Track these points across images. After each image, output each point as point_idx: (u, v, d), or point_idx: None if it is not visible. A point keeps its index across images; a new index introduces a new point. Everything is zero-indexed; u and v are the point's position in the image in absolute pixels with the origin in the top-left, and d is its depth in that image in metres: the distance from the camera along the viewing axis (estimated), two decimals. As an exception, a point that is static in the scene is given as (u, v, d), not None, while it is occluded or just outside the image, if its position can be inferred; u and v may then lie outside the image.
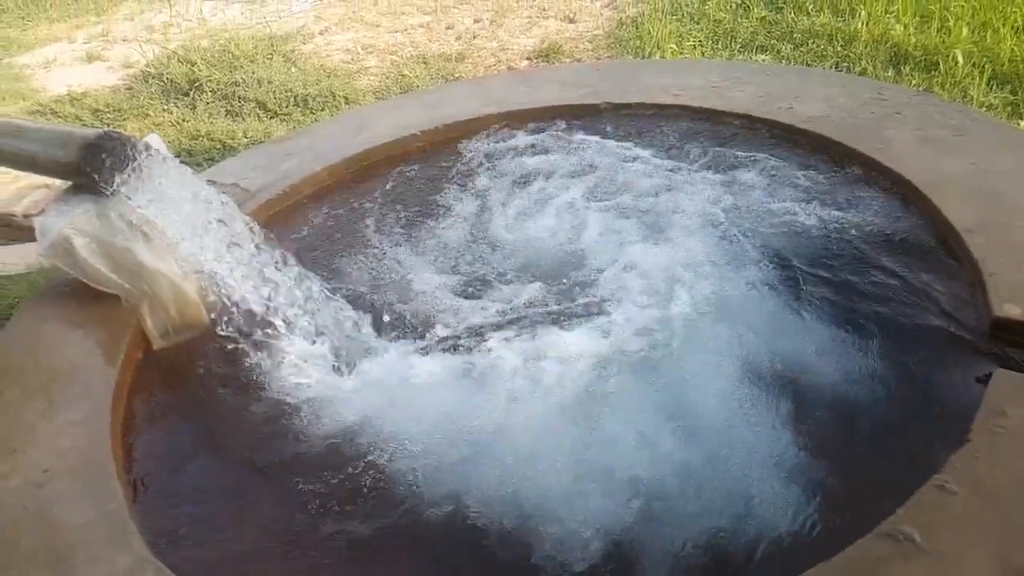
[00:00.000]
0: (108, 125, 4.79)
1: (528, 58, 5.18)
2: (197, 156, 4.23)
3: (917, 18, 4.42)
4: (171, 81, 5.19)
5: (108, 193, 1.70)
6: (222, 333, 1.73)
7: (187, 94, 5.03)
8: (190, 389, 1.68)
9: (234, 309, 1.70)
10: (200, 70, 5.19)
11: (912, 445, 1.34)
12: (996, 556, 1.06)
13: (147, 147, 1.75)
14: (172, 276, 1.74)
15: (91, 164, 1.66)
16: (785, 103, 2.20)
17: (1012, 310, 1.42)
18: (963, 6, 4.30)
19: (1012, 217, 1.66)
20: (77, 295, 1.75)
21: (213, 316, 1.76)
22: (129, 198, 1.68)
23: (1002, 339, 1.43)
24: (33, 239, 1.73)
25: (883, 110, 2.09)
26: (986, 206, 1.69)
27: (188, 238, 1.68)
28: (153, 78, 5.32)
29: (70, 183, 1.79)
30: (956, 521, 1.11)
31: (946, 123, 2.00)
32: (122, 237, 1.74)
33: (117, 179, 1.68)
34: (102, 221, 1.73)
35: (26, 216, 2.40)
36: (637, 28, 4.98)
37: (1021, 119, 3.62)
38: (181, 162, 1.78)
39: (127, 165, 1.68)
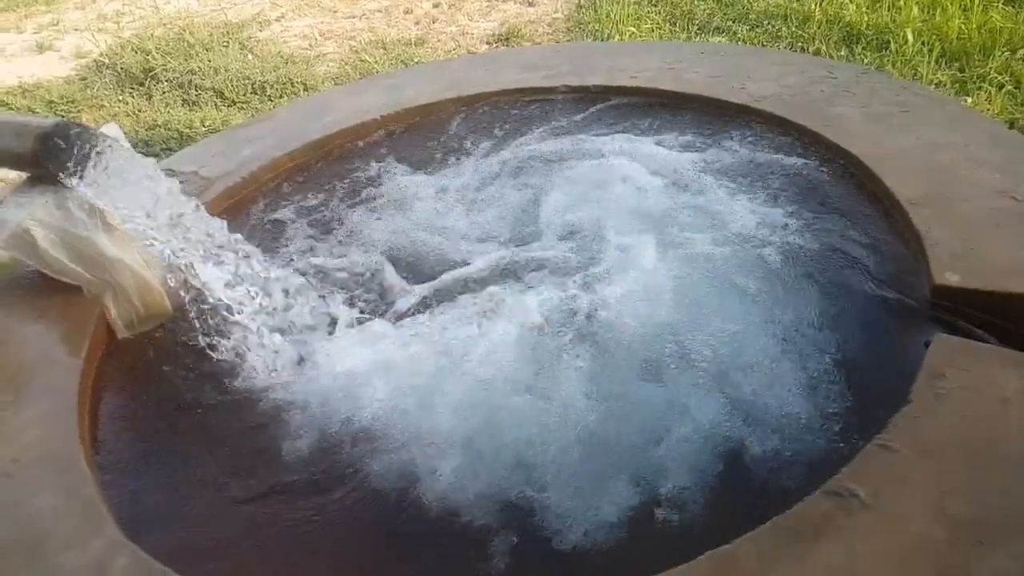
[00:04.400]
0: (62, 116, 4.71)
1: (488, 42, 5.19)
2: (155, 146, 4.19)
3: (869, -2, 4.51)
4: (125, 71, 5.11)
5: (67, 184, 1.69)
6: (186, 321, 1.74)
7: (142, 84, 4.96)
8: (156, 378, 1.69)
9: (197, 296, 1.70)
10: (155, 59, 5.12)
11: (857, 407, 1.40)
12: (935, 507, 1.12)
13: (104, 137, 1.74)
14: (134, 265, 1.74)
15: (48, 155, 1.65)
16: (738, 83, 2.25)
17: (952, 278, 1.49)
18: (912, -15, 4.40)
19: (956, 190, 1.72)
20: (39, 287, 1.75)
21: (177, 304, 1.76)
22: (88, 188, 1.68)
23: (943, 306, 1.50)
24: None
25: (833, 88, 2.15)
26: (931, 180, 1.75)
27: (148, 227, 1.69)
28: (107, 68, 5.24)
29: (28, 174, 1.78)
30: (898, 478, 1.17)
31: (893, 100, 2.06)
32: (82, 227, 1.73)
33: (75, 169, 1.68)
34: (62, 212, 1.72)
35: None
36: (596, 11, 5.01)
37: (968, 95, 3.73)
38: (138, 153, 1.77)
39: (85, 155, 1.67)
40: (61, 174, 1.68)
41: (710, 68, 2.37)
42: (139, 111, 4.61)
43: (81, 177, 1.68)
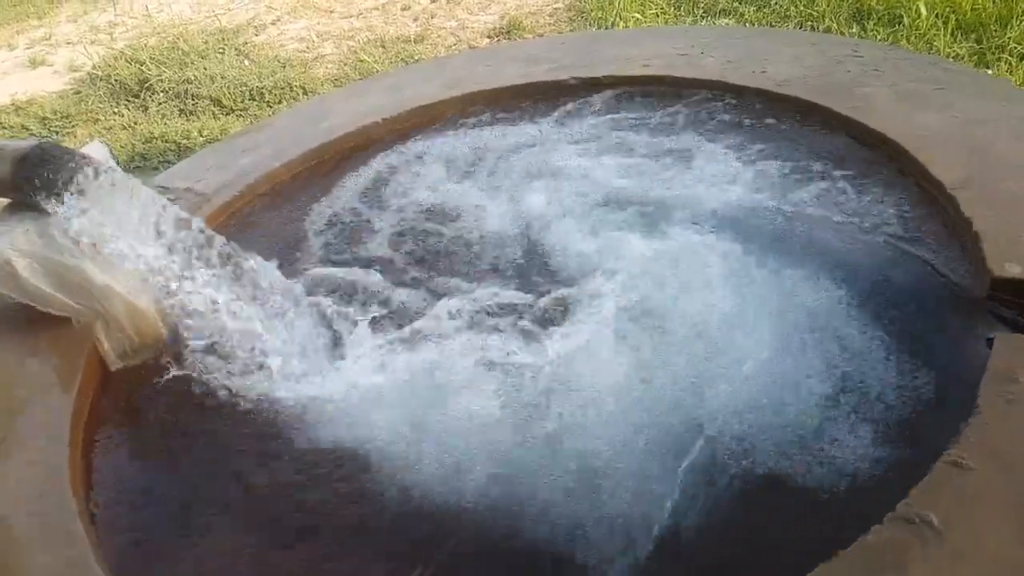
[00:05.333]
0: (56, 132, 4.61)
1: (488, 36, 5.07)
2: (152, 159, 4.09)
3: (879, -29, 4.37)
4: (120, 82, 5.01)
5: (48, 209, 1.58)
6: (183, 348, 1.63)
7: (137, 95, 4.86)
8: (153, 412, 1.58)
9: (194, 322, 1.59)
10: (149, 69, 5.02)
11: (918, 418, 1.28)
12: (1019, 530, 1.00)
13: (87, 157, 1.63)
14: (125, 292, 1.63)
15: (26, 180, 1.54)
16: (757, 67, 2.12)
17: (1013, 269, 1.36)
18: (925, -44, 4.25)
19: (999, 170, 1.59)
20: (24, 320, 1.64)
21: (172, 331, 1.65)
22: (71, 213, 1.57)
23: (1002, 300, 1.37)
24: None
25: (859, 67, 2.02)
26: (974, 160, 1.62)
27: (139, 251, 1.58)
28: (101, 80, 5.14)
29: (6, 201, 1.67)
30: (974, 498, 1.05)
31: (924, 76, 1.93)
32: (68, 255, 1.62)
33: (56, 194, 1.57)
34: (44, 239, 1.61)
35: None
36: (598, -2, 4.87)
37: (988, 67, 3.58)
38: (134, 167, 1.66)
39: (66, 178, 1.57)
40: (42, 199, 1.57)
41: (724, 52, 2.24)
42: (135, 123, 4.52)
43: (64, 201, 1.57)
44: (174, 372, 1.59)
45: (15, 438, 1.43)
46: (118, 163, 1.86)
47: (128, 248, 1.60)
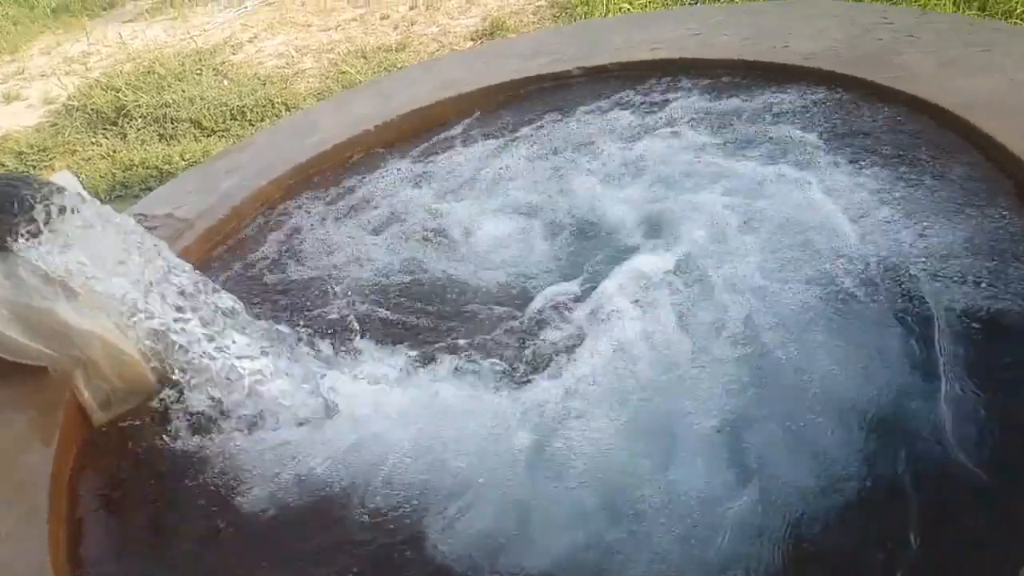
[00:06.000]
0: (34, 166, 4.44)
1: (472, 39, 4.92)
2: (133, 187, 3.93)
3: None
4: (96, 111, 4.85)
5: (14, 248, 1.41)
6: (174, 394, 1.45)
7: (115, 123, 4.70)
8: (143, 470, 1.40)
9: (182, 366, 1.41)
10: (126, 95, 4.86)
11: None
12: None
13: (55, 186, 1.46)
14: (106, 335, 1.45)
15: (-15, 217, 1.37)
16: (778, 42, 1.96)
17: None
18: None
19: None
20: (-5, 374, 1.46)
21: (159, 376, 1.47)
22: (40, 251, 1.40)
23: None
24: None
25: (891, 35, 1.85)
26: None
27: (118, 289, 1.40)
28: (77, 111, 4.98)
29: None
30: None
31: (966, 40, 1.77)
32: (39, 297, 1.44)
33: (22, 231, 1.39)
34: (11, 281, 1.44)
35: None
36: (584, -9, 4.72)
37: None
38: (115, 196, 1.49)
39: (31, 212, 1.39)
40: (6, 237, 1.40)
41: (738, 30, 2.08)
42: (114, 152, 4.35)
43: (29, 239, 1.40)
44: (165, 421, 1.41)
45: (-12, 511, 1.25)
46: (92, 195, 1.69)
47: (108, 287, 1.43)
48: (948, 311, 1.27)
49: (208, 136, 4.35)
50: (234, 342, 1.39)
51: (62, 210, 1.41)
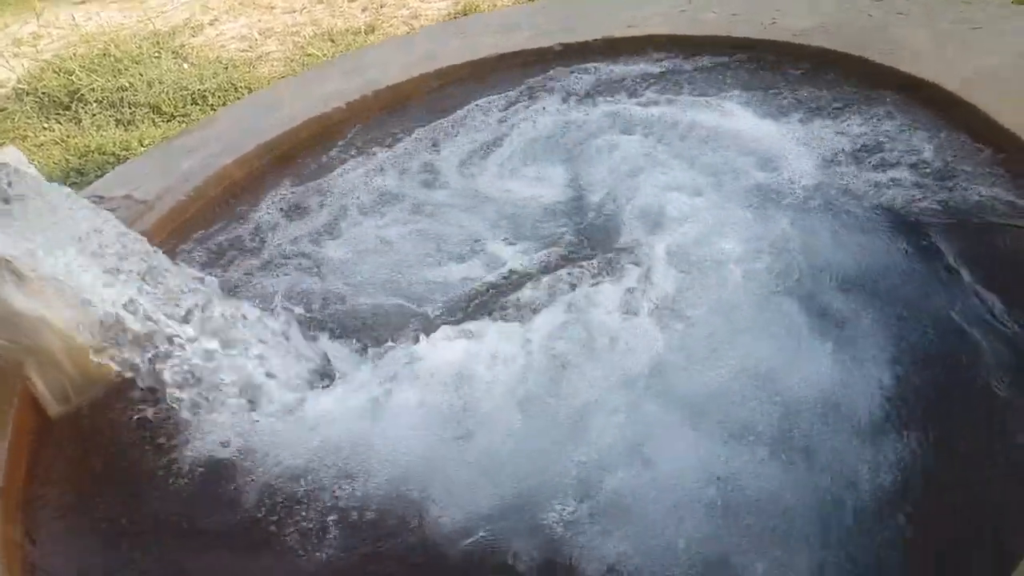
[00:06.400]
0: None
1: (445, 18, 4.82)
2: (88, 174, 3.75)
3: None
4: (48, 95, 4.64)
5: (-44, 229, 1.29)
6: (136, 385, 1.35)
7: (68, 107, 4.51)
8: (105, 466, 1.30)
9: (142, 352, 1.31)
10: (80, 79, 4.66)
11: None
12: None
13: (2, 165, 1.34)
14: (60, 323, 1.34)
15: (-77, 195, 1.25)
16: (766, 18, 1.90)
17: None
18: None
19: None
20: (-64, 365, 1.35)
21: (118, 365, 1.37)
22: (-15, 231, 1.28)
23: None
24: None
25: (882, 12, 1.81)
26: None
27: (71, 272, 1.29)
28: (28, 95, 4.76)
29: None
30: None
31: (957, 17, 1.73)
32: (-14, 282, 1.33)
33: (-35, 210, 1.28)
34: (-45, 265, 1.32)
35: None
36: (559, -28, 4.64)
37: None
38: (70, 183, 1.37)
39: (-25, 189, 1.28)
40: (-53, 217, 1.28)
41: (727, 5, 2.02)
42: (68, 137, 4.17)
43: (-27, 218, 1.28)
44: (128, 413, 1.31)
45: (-71, 514, 1.14)
46: (43, 175, 1.57)
47: (62, 270, 1.32)
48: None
49: (168, 121, 4.19)
50: (198, 327, 1.29)
51: (7, 187, 1.30)
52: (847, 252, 1.38)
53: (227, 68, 4.65)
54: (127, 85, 4.52)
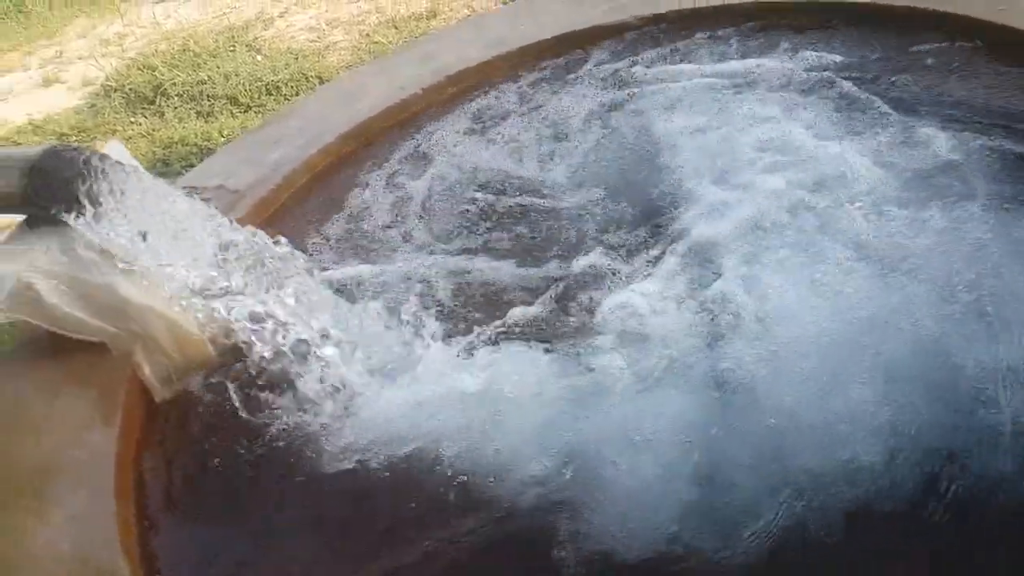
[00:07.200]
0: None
1: (504, 2, 4.81)
2: (174, 165, 3.91)
3: None
4: (134, 91, 4.84)
5: (68, 221, 1.36)
6: (238, 368, 1.40)
7: (153, 102, 4.69)
8: (210, 446, 1.36)
9: (245, 337, 1.36)
10: (162, 74, 4.85)
11: None
12: None
13: (104, 158, 1.41)
14: (165, 309, 1.41)
15: (38, 190, 1.32)
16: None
17: None
18: None
19: None
20: (53, 352, 1.43)
21: (221, 350, 1.42)
22: (95, 222, 1.35)
23: None
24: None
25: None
26: None
27: (175, 259, 1.35)
28: (115, 91, 4.98)
29: (22, 217, 1.46)
30: None
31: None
32: (96, 272, 1.40)
33: (77, 203, 1.35)
34: (68, 256, 1.40)
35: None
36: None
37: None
38: (157, 174, 1.43)
39: (83, 184, 1.34)
40: (59, 211, 1.35)
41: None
42: (153, 130, 4.35)
43: (84, 211, 1.35)
44: (230, 396, 1.37)
45: (53, 495, 1.21)
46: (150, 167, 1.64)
47: (165, 259, 1.38)
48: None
49: (244, 112, 4.33)
50: (300, 314, 1.34)
51: (116, 180, 1.36)
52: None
53: (297, 58, 4.77)
54: (206, 78, 4.67)
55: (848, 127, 1.65)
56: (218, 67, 4.78)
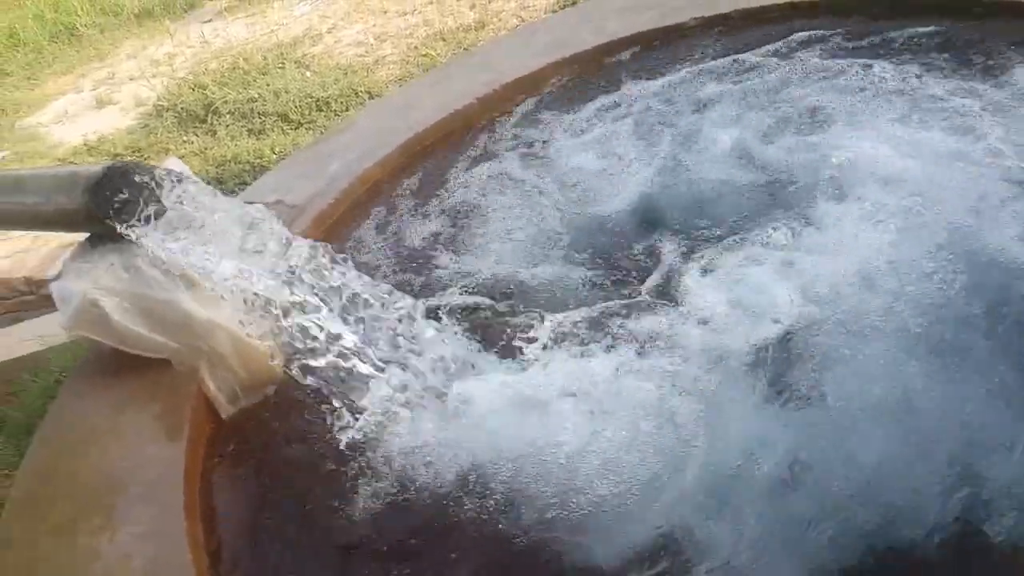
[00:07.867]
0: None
1: (553, 11, 4.78)
2: (228, 183, 3.94)
3: None
4: (186, 110, 4.92)
5: (131, 238, 1.36)
6: (303, 385, 1.38)
7: (204, 120, 4.75)
8: (277, 463, 1.34)
9: (311, 353, 1.34)
10: (213, 92, 4.91)
11: None
12: None
13: (168, 173, 1.41)
14: (230, 325, 1.40)
15: (102, 207, 1.32)
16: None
17: None
18: None
19: None
20: (119, 368, 1.43)
21: (287, 366, 1.41)
22: (157, 237, 1.35)
23: None
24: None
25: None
26: None
27: (240, 275, 1.34)
28: (167, 111, 5.06)
29: (86, 234, 1.46)
30: None
31: None
32: (160, 288, 1.40)
33: (138, 218, 1.34)
34: (132, 273, 1.40)
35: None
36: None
37: None
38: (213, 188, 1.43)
39: (146, 199, 1.34)
40: (123, 227, 1.35)
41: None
42: (206, 149, 4.40)
43: (150, 227, 1.35)
44: (296, 413, 1.34)
45: (121, 512, 1.20)
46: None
47: (229, 273, 1.37)
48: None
49: (295, 129, 4.35)
50: (368, 333, 1.31)
51: (181, 194, 1.36)
52: None
53: (346, 74, 4.78)
54: (256, 96, 4.71)
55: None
56: (268, 84, 4.82)
